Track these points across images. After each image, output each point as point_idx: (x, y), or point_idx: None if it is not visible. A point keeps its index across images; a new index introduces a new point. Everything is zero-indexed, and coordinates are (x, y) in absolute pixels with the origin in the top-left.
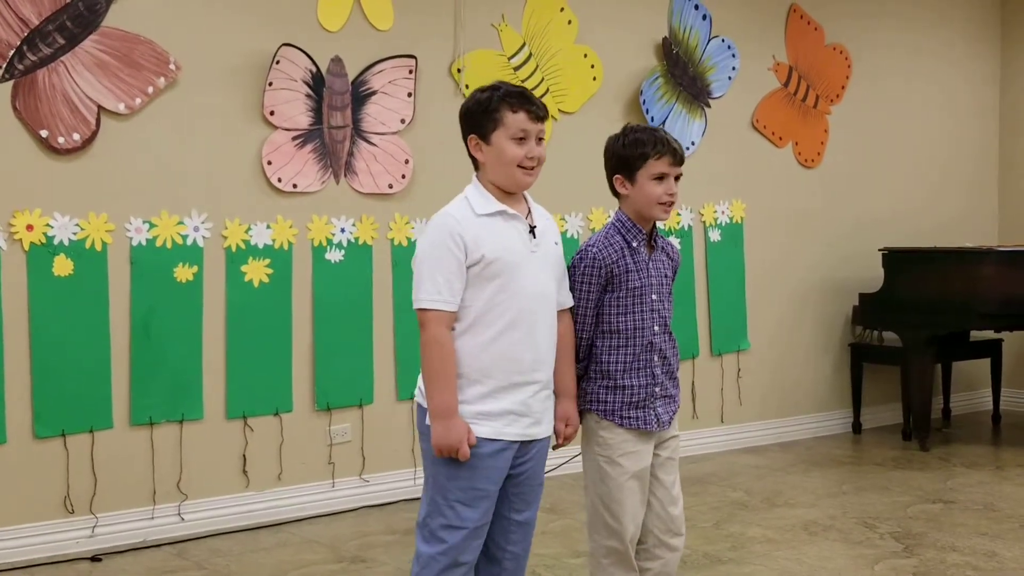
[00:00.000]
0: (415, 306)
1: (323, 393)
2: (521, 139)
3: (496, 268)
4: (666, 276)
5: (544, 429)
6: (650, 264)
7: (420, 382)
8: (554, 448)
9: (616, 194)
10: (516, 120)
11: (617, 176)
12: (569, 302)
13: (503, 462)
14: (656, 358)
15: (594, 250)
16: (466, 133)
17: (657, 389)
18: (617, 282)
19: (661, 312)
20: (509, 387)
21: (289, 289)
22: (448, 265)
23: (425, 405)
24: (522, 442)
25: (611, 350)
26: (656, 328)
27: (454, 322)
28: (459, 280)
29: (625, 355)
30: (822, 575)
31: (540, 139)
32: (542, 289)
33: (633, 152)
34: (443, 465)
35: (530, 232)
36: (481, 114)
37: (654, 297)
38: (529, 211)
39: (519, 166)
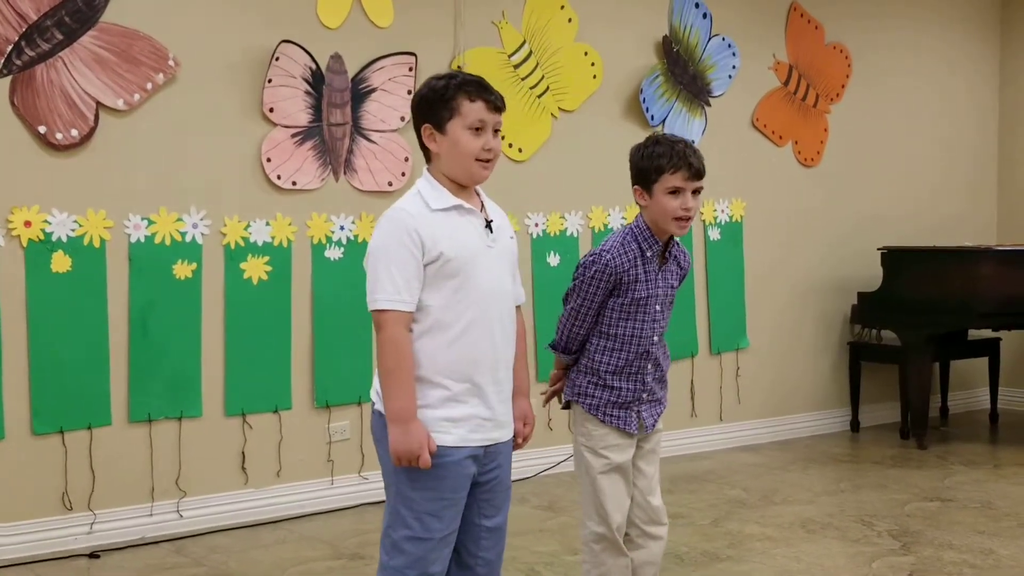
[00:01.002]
0: (371, 307)
1: (322, 390)
2: (478, 129)
3: (455, 266)
4: (672, 287)
5: (507, 432)
6: (659, 276)
7: (376, 385)
8: (515, 448)
9: (638, 203)
10: (473, 109)
11: (636, 187)
12: (523, 299)
13: (469, 470)
14: (650, 366)
15: (608, 256)
16: (419, 122)
17: (645, 395)
18: (624, 289)
19: (661, 323)
20: (471, 389)
21: (288, 287)
22: (404, 262)
23: (383, 410)
24: (486, 448)
25: (604, 351)
26: (655, 338)
27: (412, 323)
28: (416, 279)
29: (617, 359)
30: (820, 573)
31: (497, 131)
32: (499, 286)
33: (649, 165)
34: (405, 474)
35: (487, 227)
36: (436, 102)
37: (657, 308)
38: (482, 205)
39: (476, 159)
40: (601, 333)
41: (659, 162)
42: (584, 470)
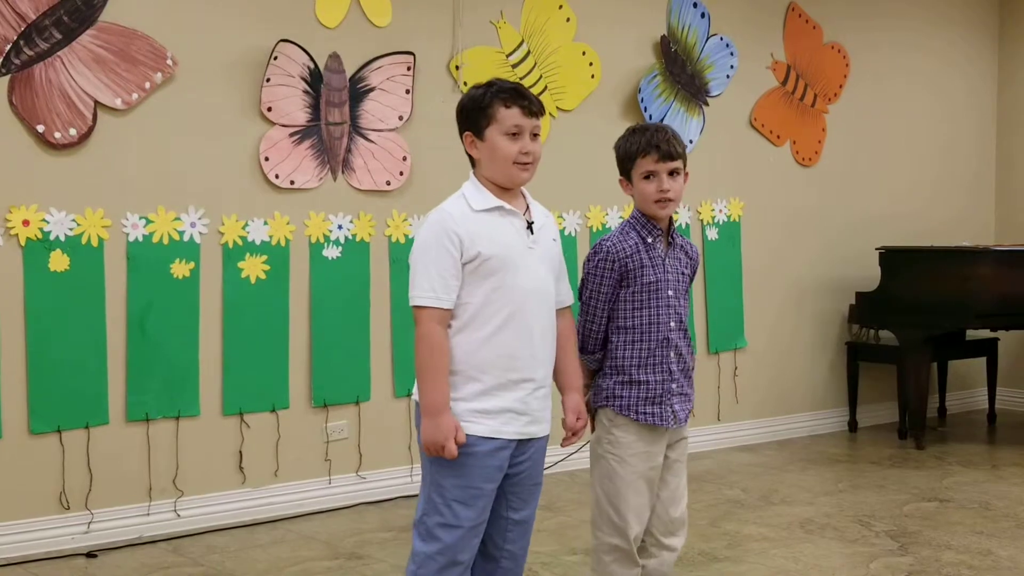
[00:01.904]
0: (411, 303)
1: (320, 390)
2: (515, 135)
3: (492, 265)
4: (683, 274)
5: (542, 428)
6: (667, 260)
7: None
8: (564, 442)
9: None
10: (509, 116)
11: (620, 179)
12: (570, 299)
13: (500, 461)
14: (672, 354)
15: (608, 244)
16: (462, 130)
17: (674, 386)
18: (632, 277)
19: (677, 309)
20: (506, 384)
21: (286, 286)
22: (443, 262)
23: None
24: (519, 441)
25: (626, 345)
26: (672, 324)
27: (449, 319)
28: (454, 277)
29: (640, 350)
30: (818, 573)
31: (535, 135)
32: (540, 286)
33: (624, 154)
34: (440, 463)
35: (528, 228)
36: (475, 111)
37: (670, 293)
38: (527, 207)
39: (514, 162)
40: (619, 328)
41: (631, 149)
42: (606, 479)
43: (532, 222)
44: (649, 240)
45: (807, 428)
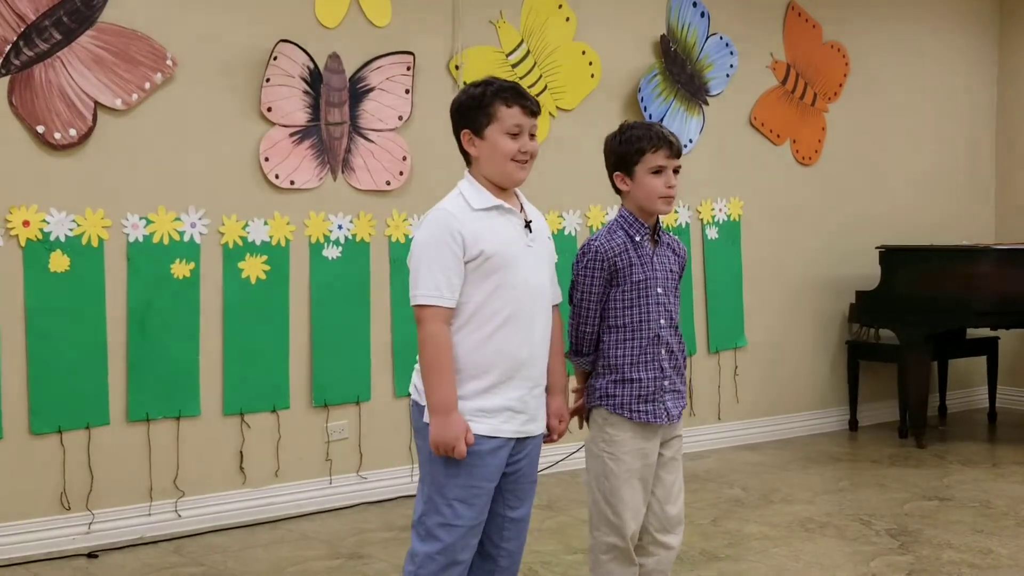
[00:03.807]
0: (412, 302)
1: (320, 390)
2: (515, 134)
3: (494, 263)
4: (672, 271)
5: (539, 426)
6: (654, 258)
7: (415, 379)
8: (545, 442)
9: (618, 191)
10: (510, 115)
11: (617, 173)
12: (559, 297)
13: (500, 459)
14: (663, 351)
15: (596, 244)
16: (459, 128)
17: (666, 383)
18: (622, 276)
19: (667, 306)
20: (506, 382)
21: (286, 286)
22: (446, 261)
23: (421, 402)
24: (517, 439)
25: (618, 344)
26: (663, 322)
27: (452, 318)
28: (457, 276)
29: (631, 348)
30: (818, 572)
31: (533, 134)
32: (539, 284)
33: (630, 148)
34: (440, 463)
35: (526, 227)
36: (475, 109)
37: (659, 291)
38: (522, 207)
39: (512, 160)
40: (610, 327)
41: (640, 144)
42: (601, 477)
43: (530, 220)
44: (637, 239)
45: (807, 427)
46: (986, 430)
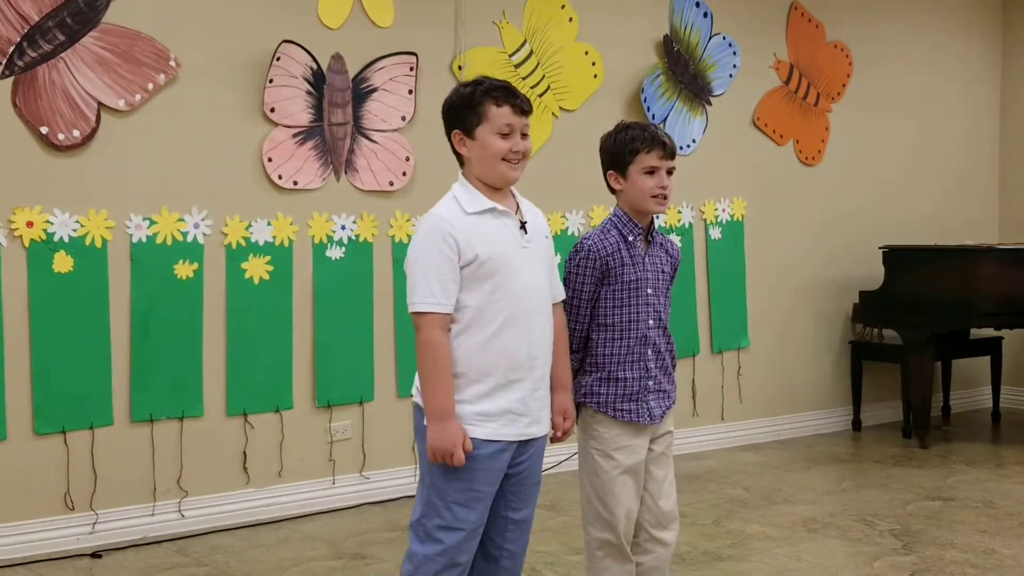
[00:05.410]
0: (410, 309)
1: (323, 390)
2: (506, 134)
3: (490, 267)
4: (663, 272)
5: (541, 428)
6: (647, 259)
7: (417, 381)
8: (552, 442)
9: (612, 190)
10: (501, 114)
11: (610, 172)
12: (561, 295)
13: (501, 463)
14: (650, 351)
15: (589, 243)
16: (450, 128)
17: (651, 383)
18: (613, 275)
19: (656, 307)
20: (507, 385)
21: (290, 286)
22: (441, 267)
23: (423, 405)
24: (520, 442)
25: (606, 343)
26: (651, 323)
27: (450, 323)
28: (453, 281)
29: (619, 348)
30: (821, 572)
31: (525, 134)
32: (537, 285)
33: (623, 148)
34: (440, 466)
35: (521, 228)
36: (465, 109)
37: (650, 291)
38: (517, 207)
39: (504, 160)
40: (599, 325)
41: (634, 144)
42: (592, 474)
43: (525, 221)
44: (630, 239)
45: (811, 427)
46: (990, 430)
